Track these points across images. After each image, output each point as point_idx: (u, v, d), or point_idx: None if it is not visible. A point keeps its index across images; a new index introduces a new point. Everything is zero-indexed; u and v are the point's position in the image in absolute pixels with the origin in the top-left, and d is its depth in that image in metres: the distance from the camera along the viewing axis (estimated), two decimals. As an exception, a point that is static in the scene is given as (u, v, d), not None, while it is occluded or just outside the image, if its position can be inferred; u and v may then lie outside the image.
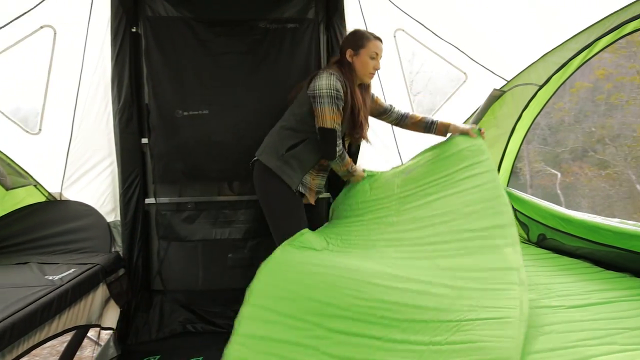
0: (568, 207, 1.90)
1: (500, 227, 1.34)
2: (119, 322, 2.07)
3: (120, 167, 2.21)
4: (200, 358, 1.98)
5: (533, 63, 2.03)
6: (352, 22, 2.25)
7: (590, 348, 0.94)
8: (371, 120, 1.98)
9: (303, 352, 1.11)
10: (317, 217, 2.05)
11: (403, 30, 2.27)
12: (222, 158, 2.26)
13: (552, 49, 1.92)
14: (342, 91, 1.67)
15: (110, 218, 2.31)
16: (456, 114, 2.35)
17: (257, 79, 2.24)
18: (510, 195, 2.20)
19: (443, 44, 2.22)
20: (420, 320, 1.06)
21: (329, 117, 1.66)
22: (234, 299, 2.35)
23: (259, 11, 2.23)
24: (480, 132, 1.81)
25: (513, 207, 2.15)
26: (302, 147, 1.77)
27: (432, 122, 1.94)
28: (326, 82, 1.65)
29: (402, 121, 1.99)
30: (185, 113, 2.23)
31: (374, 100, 1.95)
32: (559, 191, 10.39)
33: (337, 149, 1.73)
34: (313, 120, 1.73)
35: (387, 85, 2.35)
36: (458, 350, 0.94)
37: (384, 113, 1.99)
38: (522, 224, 2.11)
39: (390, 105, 2.00)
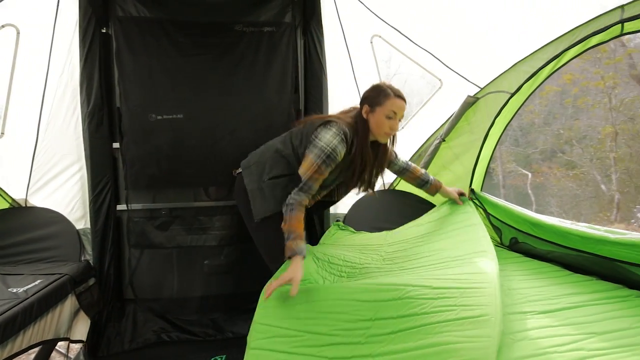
0: (538, 206, 1.99)
1: (481, 252, 1.43)
2: (89, 333, 2.00)
3: (90, 173, 2.13)
4: (176, 368, 1.94)
5: (505, 71, 2.08)
6: (330, 27, 2.25)
7: (561, 355, 0.97)
8: None
9: None
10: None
11: (380, 37, 2.29)
12: (198, 163, 2.22)
13: (523, 58, 1.98)
14: (340, 154, 1.53)
15: (79, 225, 2.22)
16: (431, 119, 2.40)
17: (233, 83, 2.21)
18: (483, 199, 2.25)
19: (419, 50, 2.25)
20: (406, 328, 1.09)
21: (306, 167, 1.53)
22: (211, 307, 2.33)
23: (235, 14, 2.20)
24: (467, 198, 1.94)
25: (486, 212, 2.21)
26: (284, 182, 1.67)
27: (427, 182, 1.94)
28: (329, 138, 1.52)
29: (403, 173, 1.93)
30: (159, 117, 2.17)
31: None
32: (529, 191, 10.75)
33: (290, 196, 1.53)
34: None
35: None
36: (440, 352, 0.96)
37: (390, 164, 1.89)
38: (495, 228, 2.16)
39: (396, 155, 1.90)
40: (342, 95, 2.36)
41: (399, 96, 1.57)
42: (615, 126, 8.68)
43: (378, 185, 1.98)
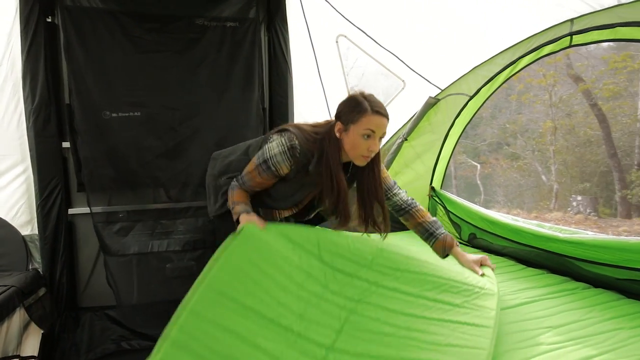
0: (486, 195, 2.09)
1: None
2: (41, 347, 1.86)
3: (37, 174, 1.97)
4: (139, 378, 1.86)
5: (464, 75, 2.17)
6: (295, 25, 2.22)
7: (521, 351, 1.04)
8: None
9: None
10: None
11: (345, 37, 2.30)
12: (158, 163, 2.12)
13: (482, 63, 2.07)
14: (278, 166, 1.33)
15: (25, 231, 2.05)
16: (395, 119, 2.45)
17: (196, 81, 2.13)
18: (443, 197, 2.36)
19: (384, 51, 2.28)
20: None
21: (248, 166, 1.40)
22: (174, 310, 2.25)
23: (197, 8, 2.11)
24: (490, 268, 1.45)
25: (446, 209, 2.31)
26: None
27: (432, 234, 1.49)
28: (272, 146, 1.34)
29: (401, 214, 1.53)
30: (114, 115, 2.04)
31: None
32: (478, 181, 11.38)
33: (230, 186, 1.44)
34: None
35: (329, 92, 2.37)
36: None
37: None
38: (454, 224, 2.27)
39: (394, 185, 1.53)
40: (307, 94, 2.34)
41: (378, 112, 1.26)
42: (554, 121, 9.36)
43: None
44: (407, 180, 2.54)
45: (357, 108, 1.27)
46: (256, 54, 2.22)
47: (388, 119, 1.29)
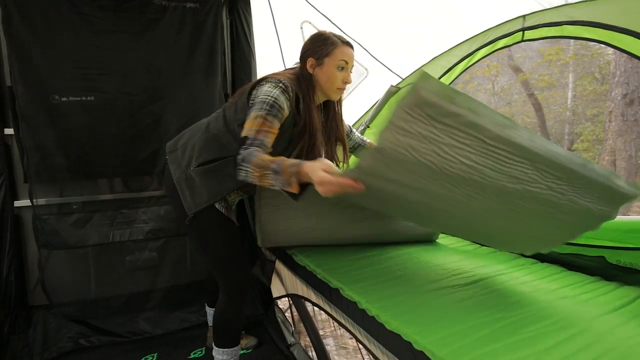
0: None
1: None
2: (-11, 351, 1.74)
3: (-25, 165, 1.79)
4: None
5: (424, 64, 2.25)
6: (259, 9, 2.17)
7: (489, 324, 1.13)
8: None
9: None
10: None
11: (310, 23, 2.28)
12: (115, 151, 2.02)
13: (441, 54, 2.16)
14: (284, 105, 1.26)
15: (-37, 227, 1.87)
16: (358, 106, 2.50)
17: (154, 64, 2.03)
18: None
19: (348, 39, 2.29)
20: None
21: (250, 124, 1.22)
22: (137, 305, 2.18)
23: (154, -15, 1.99)
24: None
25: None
26: (218, 167, 1.36)
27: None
28: (267, 89, 1.26)
29: (359, 149, 1.64)
30: (64, 99, 1.90)
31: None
32: (428, 166, 11.94)
33: (239, 157, 1.17)
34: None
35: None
36: None
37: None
38: (414, 208, 2.38)
39: (350, 129, 1.62)
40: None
41: (347, 43, 1.36)
42: (496, 109, 9.96)
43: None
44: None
45: (328, 41, 1.33)
46: (218, 38, 2.16)
47: (353, 49, 1.38)
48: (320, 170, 1.01)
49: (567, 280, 1.43)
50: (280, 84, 1.27)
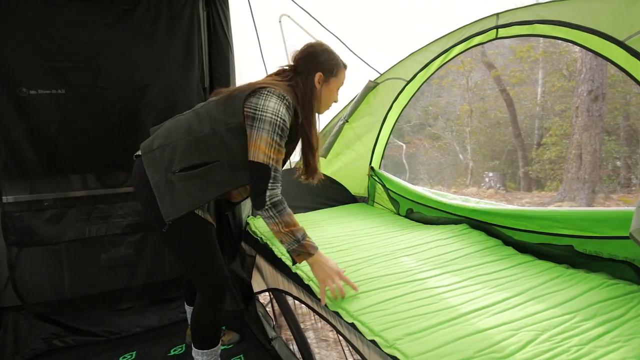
0: (411, 173, 2.28)
1: None
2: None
3: (-63, 160, 1.70)
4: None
5: (402, 60, 2.29)
6: (236, 2, 2.14)
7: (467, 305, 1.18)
8: None
9: None
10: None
11: (289, 17, 2.28)
12: (89, 147, 1.95)
13: (418, 49, 2.20)
14: (288, 124, 1.28)
15: None
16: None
17: (129, 57, 1.96)
18: (382, 176, 2.51)
19: (327, 33, 2.30)
20: None
21: (264, 150, 1.22)
22: (114, 302, 2.14)
23: (127, -26, 1.93)
24: None
25: (385, 187, 2.46)
26: (202, 172, 1.31)
27: None
28: (275, 106, 1.23)
29: None
30: (33, 92, 1.83)
31: None
32: (404, 160, 12.08)
33: (268, 193, 1.22)
34: (237, 141, 1.29)
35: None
36: None
37: None
38: (393, 201, 2.43)
39: None
40: (249, 74, 2.29)
41: (346, 66, 1.46)
42: (470, 104, 10.22)
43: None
44: (348, 160, 2.64)
45: (337, 61, 1.39)
46: (195, 30, 2.11)
47: None
48: (332, 272, 1.26)
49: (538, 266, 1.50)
50: (285, 101, 1.26)
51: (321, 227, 2.06)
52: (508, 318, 1.07)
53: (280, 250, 1.72)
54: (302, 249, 1.27)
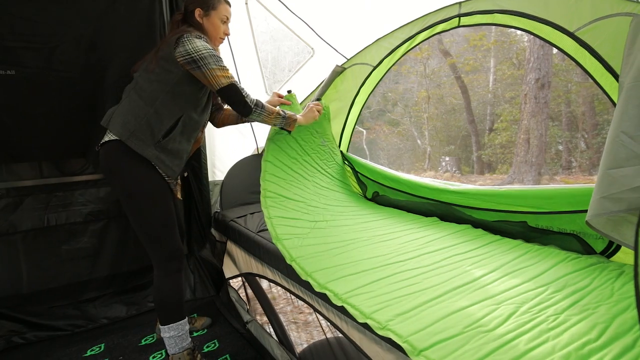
0: (371, 159, 2.36)
1: None
2: None
3: None
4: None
5: (368, 45, 2.33)
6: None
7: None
8: None
9: None
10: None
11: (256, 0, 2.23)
12: (44, 132, 1.84)
13: (384, 35, 2.24)
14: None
15: None
16: (304, 85, 2.52)
17: (85, 37, 1.86)
18: (351, 159, 2.56)
19: (294, 18, 2.29)
20: None
21: (222, 75, 1.45)
22: (78, 294, 2.06)
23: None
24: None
25: (354, 170, 2.52)
26: (180, 129, 1.50)
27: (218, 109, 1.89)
28: (200, 42, 1.43)
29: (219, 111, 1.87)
30: (-22, 72, 1.68)
31: None
32: (365, 146, 12.32)
33: (249, 100, 1.52)
34: (188, 88, 1.48)
35: (239, 56, 2.31)
36: None
37: None
38: (361, 184, 2.50)
39: None
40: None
41: (228, 2, 1.61)
42: (427, 91, 10.54)
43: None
44: (316, 145, 2.67)
45: None
46: (156, 11, 2.03)
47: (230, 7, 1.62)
48: (311, 116, 1.93)
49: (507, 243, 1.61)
50: (203, 38, 1.46)
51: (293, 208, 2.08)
52: (488, 294, 1.14)
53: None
54: (289, 120, 1.72)
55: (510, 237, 1.66)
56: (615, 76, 1.36)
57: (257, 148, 2.79)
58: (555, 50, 6.19)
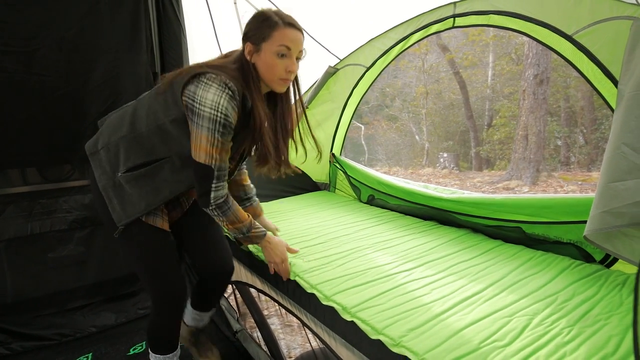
0: (370, 154, 2.30)
1: None
2: None
3: None
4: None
5: (361, 46, 2.27)
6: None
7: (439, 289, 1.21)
8: None
9: None
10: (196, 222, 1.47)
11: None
12: (26, 138, 1.79)
13: (377, 36, 2.19)
14: (233, 119, 1.13)
15: None
16: (296, 87, 2.46)
17: (67, 39, 1.79)
18: (343, 163, 2.51)
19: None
20: None
21: (205, 149, 1.12)
22: (64, 303, 2.02)
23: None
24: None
25: (346, 174, 2.47)
26: (150, 171, 1.20)
27: (250, 198, 1.59)
28: (214, 98, 1.08)
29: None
30: (-45, 77, 1.63)
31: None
32: (363, 141, 12.26)
33: (212, 195, 1.16)
34: (181, 134, 1.17)
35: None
36: None
37: None
38: (354, 187, 2.45)
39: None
40: (205, 59, 2.18)
41: (291, 24, 1.16)
42: (425, 86, 10.46)
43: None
44: (308, 148, 2.60)
45: (267, 22, 1.14)
46: (142, 11, 1.96)
47: (303, 34, 1.19)
48: (277, 257, 1.36)
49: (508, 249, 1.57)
50: (227, 90, 1.09)
51: (291, 218, 2.03)
52: (498, 305, 1.10)
53: (244, 245, 1.67)
54: (248, 239, 1.33)
55: (510, 243, 1.62)
56: (614, 82, 1.31)
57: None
58: (554, 46, 6.13)
